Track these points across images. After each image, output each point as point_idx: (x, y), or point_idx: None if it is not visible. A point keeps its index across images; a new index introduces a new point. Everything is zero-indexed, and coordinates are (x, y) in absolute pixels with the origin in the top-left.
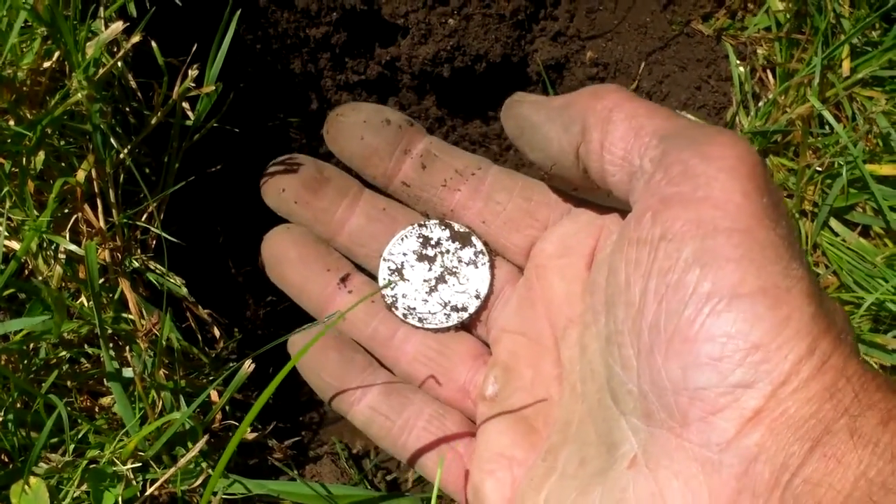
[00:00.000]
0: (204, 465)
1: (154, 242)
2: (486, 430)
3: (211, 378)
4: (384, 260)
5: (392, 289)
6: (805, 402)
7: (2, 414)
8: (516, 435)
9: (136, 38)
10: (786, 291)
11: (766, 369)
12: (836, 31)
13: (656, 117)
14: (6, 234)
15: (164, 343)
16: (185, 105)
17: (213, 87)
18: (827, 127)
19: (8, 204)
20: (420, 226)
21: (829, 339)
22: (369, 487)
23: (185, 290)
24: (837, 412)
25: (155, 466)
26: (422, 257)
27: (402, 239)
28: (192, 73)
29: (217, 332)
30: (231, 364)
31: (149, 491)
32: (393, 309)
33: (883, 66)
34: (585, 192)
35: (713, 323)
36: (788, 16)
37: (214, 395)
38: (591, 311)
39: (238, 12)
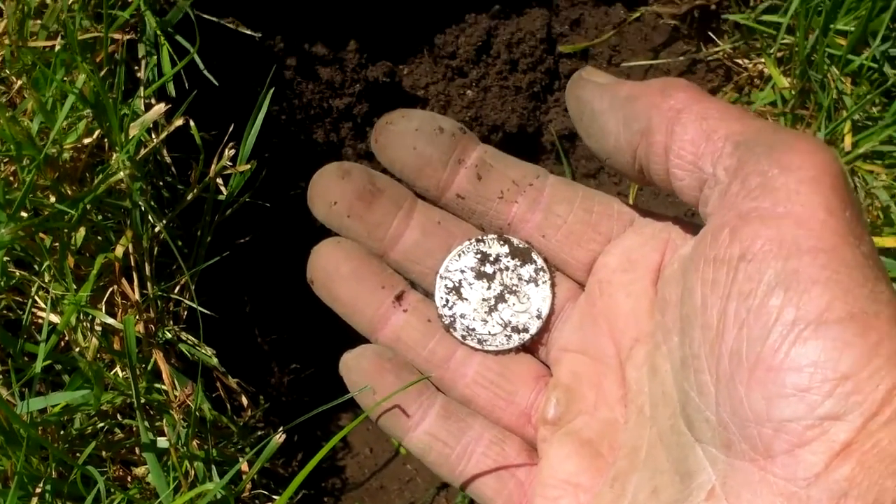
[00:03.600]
0: None
1: (185, 313)
2: (548, 455)
3: (239, 446)
4: (441, 277)
5: (450, 308)
6: None
7: (41, 485)
8: (581, 460)
9: (178, 122)
10: (874, 316)
11: (857, 400)
12: (838, 107)
13: (729, 119)
14: (45, 307)
15: (197, 414)
16: (219, 181)
17: (249, 166)
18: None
19: (47, 277)
20: (478, 241)
21: None
22: None
23: (215, 361)
24: None
25: None
26: (480, 275)
27: (460, 255)
28: (229, 152)
29: (245, 401)
30: (258, 432)
31: None
32: (451, 330)
33: (883, 141)
34: (640, 183)
35: (799, 351)
36: (793, 92)
37: (244, 465)
38: (661, 329)
39: (271, 91)
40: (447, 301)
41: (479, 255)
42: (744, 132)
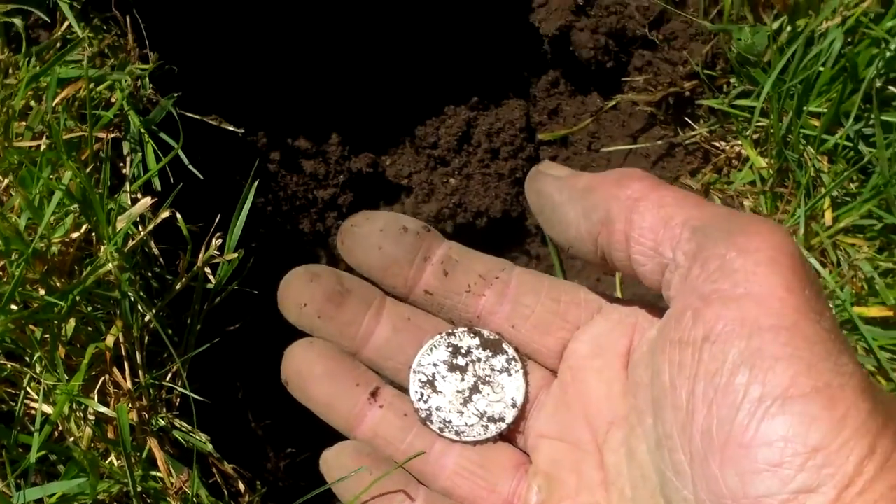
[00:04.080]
0: None
1: (178, 400)
2: None
3: None
4: (414, 372)
5: (425, 402)
6: None
7: None
8: None
9: (164, 214)
10: (839, 389)
11: (829, 473)
12: (816, 184)
13: (685, 205)
14: (38, 398)
15: (194, 501)
16: (207, 270)
17: (236, 255)
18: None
19: (38, 368)
20: (448, 334)
21: (888, 435)
22: None
23: (210, 447)
24: None
25: None
26: (453, 367)
27: (431, 349)
28: (216, 242)
29: (242, 487)
30: None
31: None
32: (428, 423)
33: (863, 215)
34: (603, 270)
35: (768, 427)
36: (771, 171)
37: None
38: (634, 412)
39: (256, 183)
40: (422, 395)
41: (450, 349)
42: (701, 217)
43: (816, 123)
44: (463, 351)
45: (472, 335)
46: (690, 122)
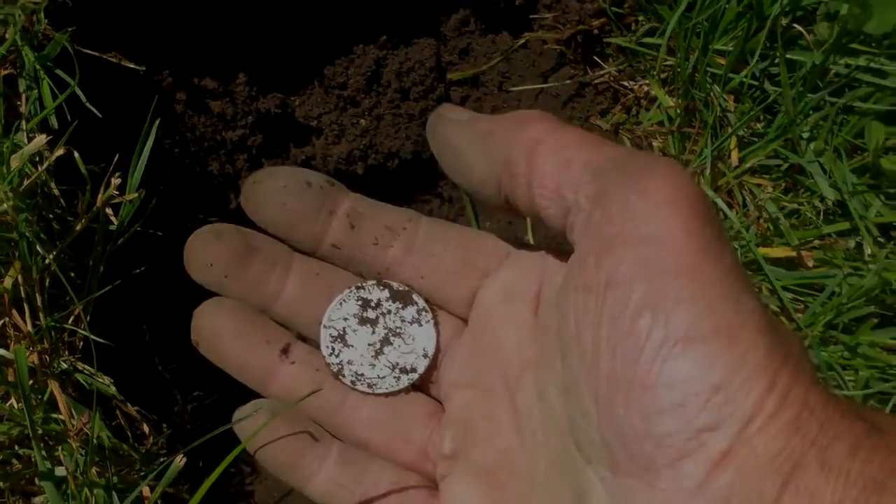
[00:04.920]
0: None
1: (81, 343)
2: (448, 489)
3: (142, 473)
4: (325, 327)
5: (337, 356)
6: (772, 439)
7: None
8: (481, 491)
9: (59, 152)
10: (739, 328)
11: (730, 410)
12: (723, 124)
13: (587, 147)
14: None
15: (95, 442)
16: (109, 211)
17: (136, 195)
18: (720, 214)
19: None
20: (358, 288)
21: (787, 371)
22: None
23: (113, 389)
24: (805, 445)
25: None
26: (363, 320)
27: (341, 303)
28: (115, 181)
29: (146, 429)
30: (162, 459)
31: None
32: (340, 377)
33: (769, 155)
34: (509, 213)
35: (671, 368)
36: (679, 111)
37: (146, 491)
38: (544, 356)
39: (157, 121)
40: (333, 349)
41: (360, 302)
42: (601, 159)
43: (723, 62)
44: (373, 304)
45: (381, 287)
46: (599, 61)
